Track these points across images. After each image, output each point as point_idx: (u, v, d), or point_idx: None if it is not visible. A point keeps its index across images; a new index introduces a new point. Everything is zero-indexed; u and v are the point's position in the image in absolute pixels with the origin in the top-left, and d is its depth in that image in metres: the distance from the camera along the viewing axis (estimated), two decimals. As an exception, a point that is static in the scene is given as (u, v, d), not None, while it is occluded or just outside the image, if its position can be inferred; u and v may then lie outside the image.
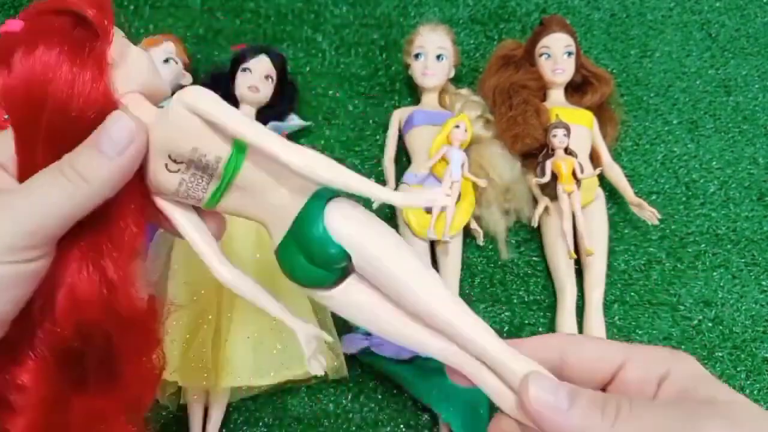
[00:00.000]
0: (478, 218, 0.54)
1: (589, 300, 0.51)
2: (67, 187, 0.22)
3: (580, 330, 0.51)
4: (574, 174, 0.52)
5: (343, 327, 0.49)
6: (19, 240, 0.21)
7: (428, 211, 0.51)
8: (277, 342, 0.45)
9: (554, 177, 0.53)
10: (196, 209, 0.27)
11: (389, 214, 0.55)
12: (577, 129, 0.55)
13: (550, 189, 0.53)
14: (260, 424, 0.46)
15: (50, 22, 0.22)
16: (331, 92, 0.62)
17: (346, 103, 0.61)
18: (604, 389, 0.24)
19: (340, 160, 0.23)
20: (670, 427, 0.20)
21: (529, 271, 0.55)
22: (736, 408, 0.21)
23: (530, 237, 0.56)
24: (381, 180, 0.56)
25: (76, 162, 0.22)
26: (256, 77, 0.55)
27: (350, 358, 0.48)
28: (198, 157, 0.24)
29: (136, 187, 0.24)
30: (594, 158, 0.57)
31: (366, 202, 0.25)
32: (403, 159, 0.58)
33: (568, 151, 0.53)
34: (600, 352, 0.24)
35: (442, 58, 0.57)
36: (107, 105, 0.23)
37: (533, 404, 0.22)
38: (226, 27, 0.65)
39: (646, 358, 0.23)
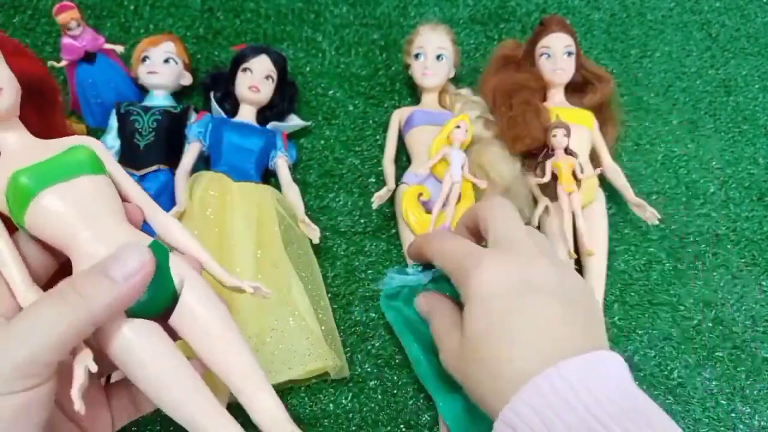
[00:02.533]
0: (478, 218, 0.54)
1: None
2: (65, 311, 0.22)
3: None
4: (574, 174, 0.52)
5: (344, 328, 0.49)
6: (11, 371, 0.21)
7: (428, 211, 0.51)
8: (278, 342, 0.45)
9: (554, 177, 0.53)
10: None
11: (389, 214, 0.55)
12: (577, 129, 0.55)
13: (550, 189, 0.53)
14: (260, 424, 0.46)
15: None
16: (331, 92, 0.62)
17: (346, 103, 0.61)
18: None
19: (340, 160, 0.23)
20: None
21: (529, 271, 0.55)
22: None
23: (530, 237, 0.56)
24: (381, 180, 0.56)
25: (80, 285, 0.23)
26: (257, 77, 0.55)
27: (350, 358, 0.48)
28: None
29: None
30: (594, 158, 0.57)
31: (366, 203, 0.25)
32: (403, 159, 0.58)
33: (568, 151, 0.53)
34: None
35: (442, 58, 0.57)
36: None
37: None
38: (226, 27, 0.65)
39: (456, 273, 0.32)
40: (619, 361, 0.27)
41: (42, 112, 0.29)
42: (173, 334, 0.27)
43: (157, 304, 0.26)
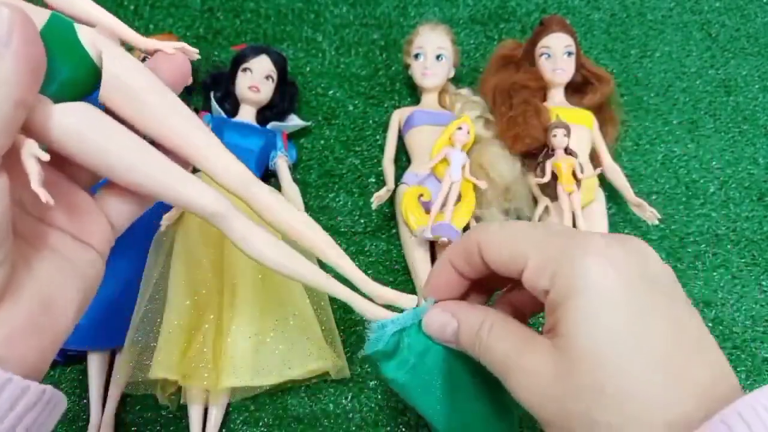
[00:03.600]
0: (478, 218, 0.54)
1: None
2: None
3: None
4: (574, 174, 0.52)
5: (344, 328, 0.49)
6: None
7: (428, 211, 0.51)
8: (279, 342, 0.45)
9: (554, 177, 0.53)
10: None
11: (388, 214, 0.55)
12: (577, 129, 0.55)
13: (550, 189, 0.53)
14: (260, 424, 0.46)
15: None
16: (331, 92, 0.62)
17: (346, 103, 0.61)
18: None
19: (340, 160, 0.23)
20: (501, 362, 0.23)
21: (529, 271, 0.55)
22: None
23: (530, 237, 0.56)
24: (381, 180, 0.56)
25: None
26: (257, 77, 0.55)
27: (350, 358, 0.48)
28: None
29: None
30: (594, 158, 0.57)
31: (366, 204, 0.25)
32: (403, 159, 0.58)
33: (568, 151, 0.53)
34: (504, 251, 0.24)
35: (442, 58, 0.57)
36: None
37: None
38: (226, 27, 0.65)
39: (537, 266, 0.23)
40: None
41: None
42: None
43: (81, 83, 0.23)
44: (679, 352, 0.19)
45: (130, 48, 0.27)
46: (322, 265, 0.31)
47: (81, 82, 0.23)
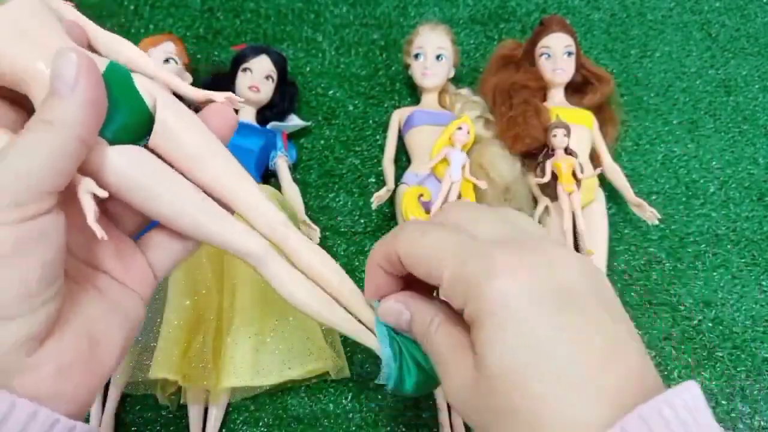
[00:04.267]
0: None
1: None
2: (43, 138, 0.21)
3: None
4: (574, 174, 0.52)
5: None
6: (17, 196, 0.20)
7: (428, 211, 0.51)
8: (279, 342, 0.45)
9: (554, 177, 0.53)
10: None
11: (388, 214, 0.55)
12: (577, 129, 0.55)
13: (550, 189, 0.53)
14: (260, 424, 0.46)
15: None
16: (331, 92, 0.62)
17: (346, 103, 0.61)
18: None
19: (340, 160, 0.23)
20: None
21: (529, 271, 0.55)
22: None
23: (530, 237, 0.56)
24: (381, 180, 0.56)
25: (39, 112, 0.22)
26: (257, 77, 0.55)
27: (350, 358, 0.48)
28: None
29: None
30: (594, 158, 0.57)
31: (366, 204, 0.25)
32: (403, 159, 0.58)
33: (568, 151, 0.53)
34: (420, 262, 0.25)
35: (442, 58, 0.57)
36: None
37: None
38: (226, 27, 0.65)
39: (451, 282, 0.23)
40: (698, 391, 0.21)
41: None
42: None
43: (136, 128, 0.24)
44: (584, 363, 0.20)
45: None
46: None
47: (136, 126, 0.24)
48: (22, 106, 0.25)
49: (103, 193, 0.22)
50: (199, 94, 0.28)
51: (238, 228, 0.26)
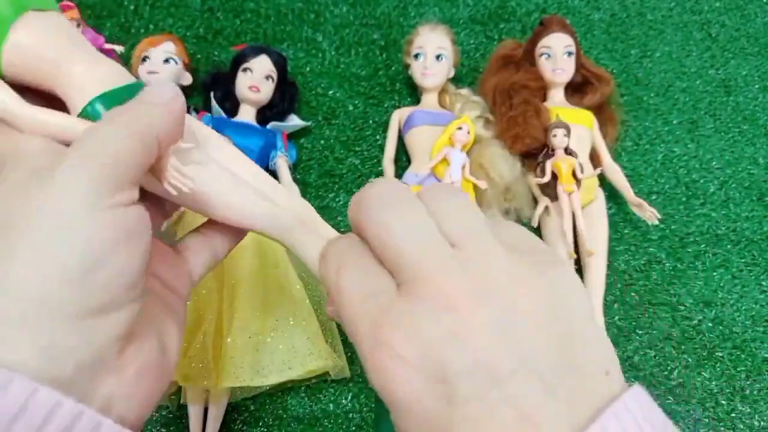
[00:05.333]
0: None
1: (589, 300, 0.51)
2: (127, 125, 0.21)
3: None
4: (574, 174, 0.52)
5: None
6: (98, 185, 0.20)
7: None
8: (279, 342, 0.45)
9: (554, 177, 0.53)
10: None
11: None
12: (577, 129, 0.55)
13: (550, 189, 0.53)
14: (260, 424, 0.46)
15: None
16: (331, 92, 0.62)
17: (346, 103, 0.61)
18: None
19: (340, 160, 0.23)
20: None
21: (529, 271, 0.55)
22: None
23: (530, 237, 0.56)
24: (381, 180, 0.56)
25: (129, 107, 0.22)
26: (257, 77, 0.55)
27: (350, 358, 0.48)
28: None
29: None
30: (594, 158, 0.57)
31: None
32: (403, 159, 0.58)
33: (568, 151, 0.53)
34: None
35: (442, 58, 0.57)
36: None
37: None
38: (226, 27, 0.65)
39: None
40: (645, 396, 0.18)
41: None
42: None
43: None
44: None
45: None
46: None
47: None
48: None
49: (188, 145, 0.24)
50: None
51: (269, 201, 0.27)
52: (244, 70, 0.55)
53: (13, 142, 0.23)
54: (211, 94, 0.56)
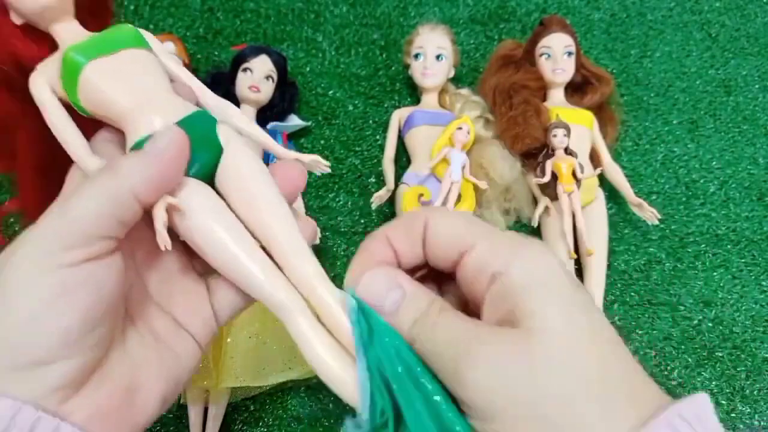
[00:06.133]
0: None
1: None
2: (105, 185, 0.22)
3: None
4: (574, 174, 0.52)
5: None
6: (59, 243, 0.21)
7: (428, 211, 0.51)
8: (279, 342, 0.45)
9: (554, 177, 0.53)
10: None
11: (389, 214, 0.55)
12: (577, 129, 0.55)
13: (550, 189, 0.53)
14: (260, 424, 0.46)
15: None
16: (331, 92, 0.62)
17: (346, 103, 0.61)
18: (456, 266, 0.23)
19: (340, 160, 0.23)
20: (446, 354, 0.20)
21: (529, 271, 0.55)
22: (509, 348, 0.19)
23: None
24: (381, 180, 0.56)
25: (117, 163, 0.23)
26: (257, 77, 0.55)
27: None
28: None
29: None
30: (594, 158, 0.57)
31: (366, 204, 0.25)
32: (403, 159, 0.58)
33: (568, 151, 0.53)
34: (453, 230, 0.23)
35: (442, 58, 0.57)
36: None
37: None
38: (226, 27, 0.65)
39: (489, 249, 0.22)
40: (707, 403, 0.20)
41: (96, 14, 0.29)
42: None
43: (213, 168, 0.27)
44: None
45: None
46: None
47: (213, 167, 0.27)
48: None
49: (174, 200, 0.24)
50: (288, 154, 0.31)
51: (276, 279, 0.26)
52: (244, 70, 0.55)
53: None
54: (211, 94, 0.56)
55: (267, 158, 0.54)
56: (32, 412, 0.20)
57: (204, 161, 0.26)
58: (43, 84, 0.25)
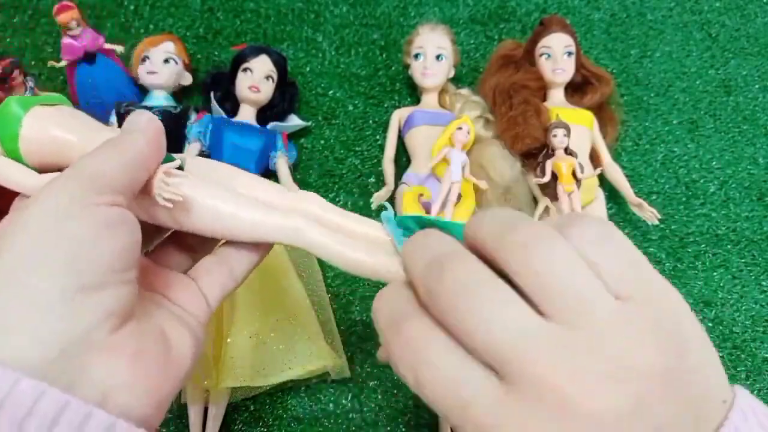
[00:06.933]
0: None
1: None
2: (109, 148, 0.23)
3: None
4: (574, 174, 0.52)
5: (344, 328, 0.49)
6: (101, 184, 0.22)
7: (428, 211, 0.51)
8: (279, 342, 0.45)
9: (554, 177, 0.53)
10: None
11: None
12: (577, 129, 0.55)
13: (550, 189, 0.53)
14: (260, 424, 0.46)
15: None
16: (331, 92, 0.62)
17: (346, 103, 0.61)
18: None
19: (340, 160, 0.23)
20: None
21: (529, 271, 0.55)
22: None
23: (530, 237, 0.56)
24: (381, 180, 0.56)
25: (115, 141, 0.24)
26: (257, 77, 0.55)
27: (350, 358, 0.48)
28: None
29: None
30: (594, 158, 0.57)
31: (366, 204, 0.24)
32: (403, 159, 0.58)
33: (568, 151, 0.53)
34: None
35: (442, 58, 0.57)
36: None
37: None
38: (226, 27, 0.65)
39: None
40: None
41: None
42: None
43: None
44: None
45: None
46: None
47: None
48: None
49: (169, 167, 0.25)
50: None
51: (268, 213, 0.27)
52: (244, 70, 0.55)
53: None
54: (211, 94, 0.56)
55: (267, 159, 0.54)
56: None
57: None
58: None
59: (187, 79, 0.58)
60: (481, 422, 0.17)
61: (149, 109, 0.53)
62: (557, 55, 0.56)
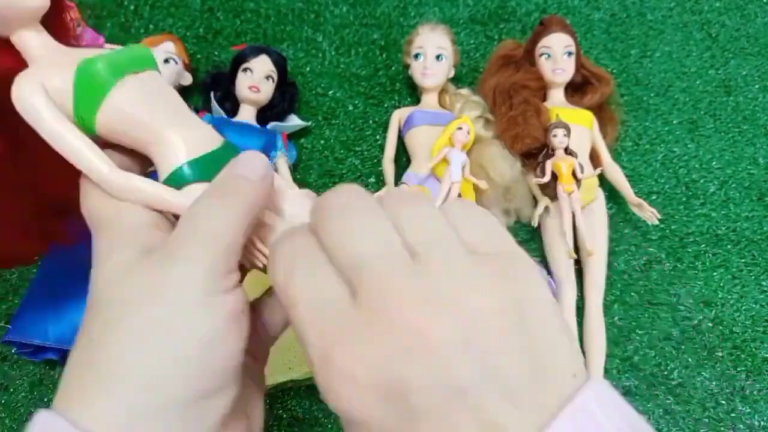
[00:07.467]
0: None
1: (589, 300, 0.51)
2: (228, 205, 0.21)
3: (580, 330, 0.51)
4: (574, 174, 0.52)
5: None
6: (209, 272, 0.20)
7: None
8: (279, 342, 0.44)
9: (554, 177, 0.53)
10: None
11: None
12: (577, 129, 0.55)
13: (550, 189, 0.53)
14: (260, 424, 0.46)
15: None
16: (331, 92, 0.62)
17: (346, 103, 0.61)
18: None
19: (340, 160, 0.23)
20: None
21: (529, 271, 0.55)
22: None
23: (530, 237, 0.56)
24: (381, 180, 0.56)
25: (228, 184, 0.22)
26: (257, 77, 0.55)
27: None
28: None
29: None
30: (594, 158, 0.57)
31: None
32: (403, 159, 0.58)
33: (568, 151, 0.53)
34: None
35: (442, 58, 0.57)
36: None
37: None
38: (226, 27, 0.65)
39: None
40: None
41: (53, 21, 0.25)
42: None
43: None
44: None
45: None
46: None
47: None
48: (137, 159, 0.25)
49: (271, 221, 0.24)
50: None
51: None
52: (244, 70, 0.55)
53: (114, 208, 0.22)
54: (211, 94, 0.56)
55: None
56: None
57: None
58: (39, 91, 0.22)
59: (187, 79, 0.58)
60: (325, 328, 0.18)
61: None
62: (557, 55, 0.56)
